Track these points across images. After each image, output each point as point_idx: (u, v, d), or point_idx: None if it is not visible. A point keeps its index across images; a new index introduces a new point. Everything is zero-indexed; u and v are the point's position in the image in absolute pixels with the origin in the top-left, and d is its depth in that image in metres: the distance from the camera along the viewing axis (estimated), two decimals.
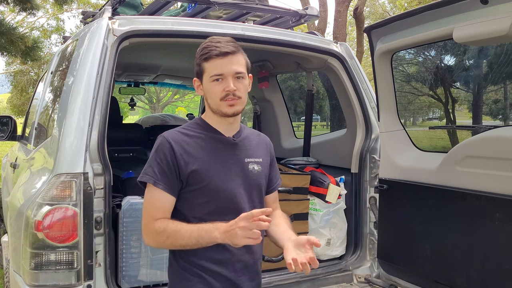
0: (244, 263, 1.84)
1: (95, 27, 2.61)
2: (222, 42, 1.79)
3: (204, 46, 1.81)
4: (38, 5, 10.19)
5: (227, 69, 1.76)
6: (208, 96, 1.81)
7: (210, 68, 1.77)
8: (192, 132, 1.84)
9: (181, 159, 1.76)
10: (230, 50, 1.77)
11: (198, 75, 1.84)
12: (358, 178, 3.28)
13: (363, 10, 11.87)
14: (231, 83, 1.76)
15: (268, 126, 4.83)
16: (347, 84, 3.27)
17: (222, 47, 1.76)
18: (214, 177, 1.79)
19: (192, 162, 1.77)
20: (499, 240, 2.33)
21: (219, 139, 1.86)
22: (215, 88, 1.77)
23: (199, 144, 1.82)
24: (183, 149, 1.78)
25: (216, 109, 1.81)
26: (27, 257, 2.18)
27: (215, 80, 1.77)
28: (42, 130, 3.05)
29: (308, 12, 3.32)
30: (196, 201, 1.79)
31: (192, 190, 1.79)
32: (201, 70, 1.81)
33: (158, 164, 1.76)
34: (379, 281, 3.12)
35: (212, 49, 1.77)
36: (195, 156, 1.79)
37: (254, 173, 1.89)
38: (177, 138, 1.80)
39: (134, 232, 2.63)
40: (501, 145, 2.34)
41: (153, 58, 4.76)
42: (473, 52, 4.92)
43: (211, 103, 1.82)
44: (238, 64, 1.78)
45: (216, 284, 1.80)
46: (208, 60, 1.77)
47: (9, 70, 23.23)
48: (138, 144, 4.90)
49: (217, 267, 1.79)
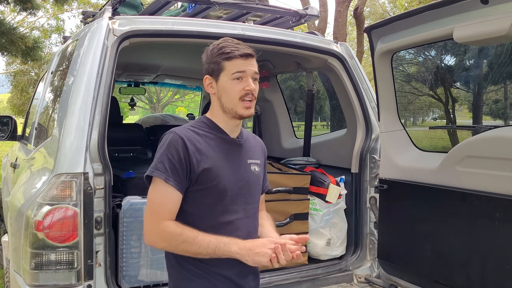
0: (246, 265, 1.84)
1: (95, 27, 2.61)
2: (241, 44, 1.82)
3: (222, 45, 1.80)
4: (38, 5, 10.19)
5: (249, 68, 1.78)
6: (225, 95, 1.80)
7: (232, 66, 1.77)
8: (201, 131, 1.83)
9: (193, 156, 1.74)
10: (251, 52, 1.81)
11: (214, 73, 1.81)
12: (358, 178, 3.28)
13: (363, 10, 11.87)
14: (252, 83, 1.78)
15: (268, 126, 4.84)
16: (347, 84, 3.27)
17: (244, 49, 1.79)
18: (224, 177, 1.78)
19: (204, 160, 1.75)
20: (499, 240, 2.33)
21: (226, 140, 1.85)
22: (235, 86, 1.77)
23: (208, 143, 1.80)
24: (195, 147, 1.76)
25: (231, 109, 1.79)
26: (27, 257, 2.18)
27: (235, 78, 1.77)
28: (42, 130, 3.05)
29: (308, 12, 3.32)
30: (202, 201, 1.78)
31: (200, 189, 1.77)
32: (220, 68, 1.79)
33: (170, 160, 1.72)
34: (379, 281, 3.12)
35: (235, 49, 1.77)
36: (207, 155, 1.77)
37: (255, 174, 1.90)
38: (189, 135, 1.78)
39: (134, 232, 2.63)
40: (501, 145, 2.33)
41: (153, 58, 4.76)
42: (473, 52, 4.91)
43: (226, 102, 1.80)
44: (256, 66, 1.82)
45: (220, 284, 1.79)
46: (231, 59, 1.77)
47: (9, 70, 23.24)
48: (138, 144, 4.91)
49: (220, 268, 1.79)
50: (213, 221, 1.79)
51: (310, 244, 3.36)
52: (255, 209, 1.91)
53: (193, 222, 1.77)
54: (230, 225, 1.81)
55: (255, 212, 1.91)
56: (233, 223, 1.81)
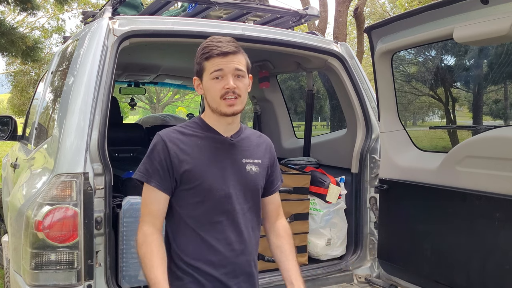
0: (237, 265, 1.84)
1: (96, 27, 2.61)
2: (223, 42, 1.79)
3: (205, 45, 1.81)
4: (38, 5, 10.20)
5: (227, 66, 1.76)
6: (208, 95, 1.81)
7: (210, 66, 1.77)
8: (189, 131, 1.85)
9: (175, 157, 1.77)
10: (231, 50, 1.77)
11: (198, 74, 1.84)
12: (358, 178, 3.28)
13: (363, 10, 11.87)
14: (231, 81, 1.76)
15: (268, 126, 4.83)
16: (347, 84, 3.27)
17: (223, 47, 1.77)
18: (208, 177, 1.79)
19: (187, 160, 1.78)
20: (499, 240, 2.33)
21: (216, 139, 1.85)
22: (215, 86, 1.77)
23: (195, 143, 1.82)
24: (178, 147, 1.78)
25: (215, 108, 1.80)
26: (27, 257, 2.18)
27: (215, 78, 1.77)
28: (43, 130, 3.05)
29: (309, 12, 3.32)
30: (190, 200, 1.80)
31: (186, 189, 1.79)
32: (202, 69, 1.81)
33: (151, 162, 1.79)
34: (379, 281, 3.11)
35: (213, 48, 1.77)
36: (190, 155, 1.79)
37: (251, 174, 1.88)
38: (172, 136, 1.81)
39: (134, 232, 2.60)
40: (501, 145, 2.33)
41: (153, 58, 4.76)
42: (474, 52, 4.91)
43: (210, 102, 1.82)
44: (238, 63, 1.79)
45: (208, 284, 1.80)
46: (209, 59, 1.77)
47: (9, 70, 23.25)
48: (139, 144, 4.91)
49: (209, 268, 1.80)
50: (203, 220, 1.80)
51: (310, 244, 3.36)
52: (251, 208, 1.90)
53: (184, 221, 1.80)
54: (220, 224, 1.81)
55: (250, 211, 1.89)
56: (223, 223, 1.81)
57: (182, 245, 1.81)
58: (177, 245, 1.82)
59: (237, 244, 1.84)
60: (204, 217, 1.79)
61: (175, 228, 1.83)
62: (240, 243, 1.84)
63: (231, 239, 1.82)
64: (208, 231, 1.80)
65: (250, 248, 1.88)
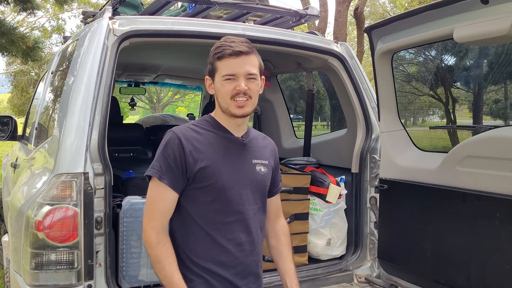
0: (246, 266, 1.84)
1: (96, 27, 2.61)
2: (237, 42, 1.78)
3: (218, 45, 1.80)
4: (38, 5, 10.21)
5: (240, 69, 1.75)
6: (219, 95, 1.80)
7: (223, 67, 1.76)
8: (202, 130, 1.83)
9: (190, 155, 1.75)
10: (244, 50, 1.76)
11: (210, 74, 1.83)
12: (358, 178, 3.28)
13: (363, 10, 11.87)
14: (243, 83, 1.75)
15: (268, 126, 4.84)
16: (347, 84, 3.27)
17: (236, 47, 1.76)
18: (222, 176, 1.78)
19: (202, 159, 1.76)
20: (500, 240, 2.33)
21: (229, 138, 1.85)
22: (226, 86, 1.76)
23: (209, 142, 1.81)
24: (193, 145, 1.77)
25: (226, 109, 1.80)
26: (27, 257, 2.18)
27: (227, 79, 1.76)
28: (43, 130, 3.05)
29: (309, 12, 3.32)
30: (202, 199, 1.78)
31: (198, 188, 1.77)
32: (214, 69, 1.80)
33: (165, 159, 1.75)
34: (379, 281, 3.11)
35: (226, 48, 1.75)
36: (205, 153, 1.77)
37: (260, 175, 1.89)
38: (187, 134, 1.79)
39: (134, 232, 2.63)
40: (501, 145, 2.33)
41: (153, 58, 4.76)
42: (474, 52, 4.92)
43: (221, 102, 1.81)
44: (251, 65, 1.77)
45: (218, 285, 1.79)
46: (221, 59, 1.76)
47: (9, 70, 23.25)
48: (139, 144, 4.91)
49: (219, 269, 1.79)
50: (213, 220, 1.78)
51: (310, 244, 3.36)
52: (260, 208, 1.90)
53: (193, 221, 1.78)
54: (230, 225, 1.80)
55: (259, 211, 1.90)
56: (234, 224, 1.81)
57: (190, 245, 1.79)
58: (185, 245, 1.80)
59: (247, 244, 1.83)
60: (215, 217, 1.78)
61: (182, 228, 1.81)
62: (249, 244, 1.84)
63: (241, 239, 1.81)
64: (219, 231, 1.78)
65: (258, 249, 1.89)
